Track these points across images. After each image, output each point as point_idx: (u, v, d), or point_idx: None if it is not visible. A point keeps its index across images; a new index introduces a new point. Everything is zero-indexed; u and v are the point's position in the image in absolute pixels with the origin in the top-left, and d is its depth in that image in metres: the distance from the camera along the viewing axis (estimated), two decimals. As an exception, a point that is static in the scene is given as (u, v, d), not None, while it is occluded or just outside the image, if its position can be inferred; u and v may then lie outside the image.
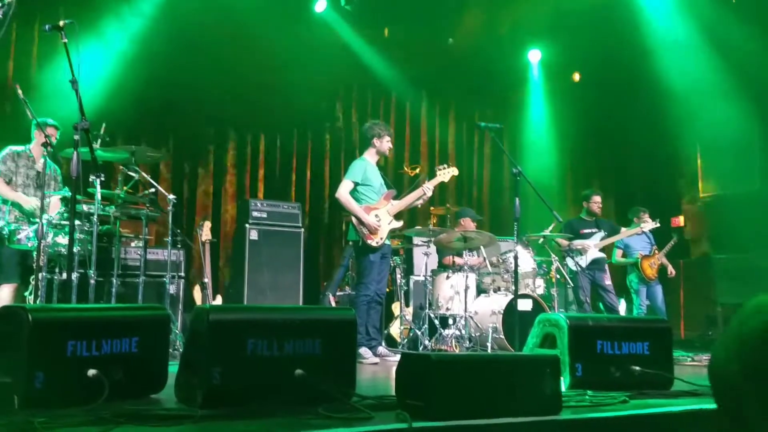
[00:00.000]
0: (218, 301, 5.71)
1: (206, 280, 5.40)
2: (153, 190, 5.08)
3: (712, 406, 2.74)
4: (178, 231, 5.70)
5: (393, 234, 6.04)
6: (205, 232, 5.56)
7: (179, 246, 5.93)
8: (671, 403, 2.79)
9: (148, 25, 6.72)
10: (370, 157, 5.43)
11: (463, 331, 5.54)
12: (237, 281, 6.58)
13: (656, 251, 7.02)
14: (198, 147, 7.59)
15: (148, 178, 5.15)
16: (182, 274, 6.00)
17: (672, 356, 3.35)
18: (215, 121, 7.50)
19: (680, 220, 8.69)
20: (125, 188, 4.93)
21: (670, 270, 7.06)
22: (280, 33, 7.01)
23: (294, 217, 6.89)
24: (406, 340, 5.97)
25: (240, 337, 2.27)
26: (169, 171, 7.39)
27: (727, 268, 6.81)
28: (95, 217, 4.53)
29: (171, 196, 5.11)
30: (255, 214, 6.65)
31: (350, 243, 5.54)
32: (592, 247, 6.53)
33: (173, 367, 2.53)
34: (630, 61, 7.92)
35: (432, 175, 5.73)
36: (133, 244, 5.82)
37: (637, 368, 3.08)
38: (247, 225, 6.58)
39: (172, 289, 5.57)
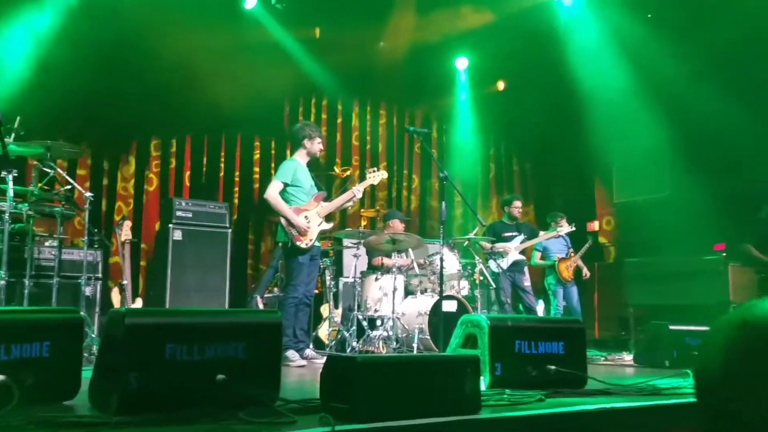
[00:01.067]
0: (138, 303, 5.51)
1: (125, 281, 5.21)
2: (69, 187, 4.87)
3: (624, 404, 2.88)
4: (96, 230, 5.48)
5: (323, 236, 6.04)
6: (125, 232, 5.36)
7: (96, 246, 5.70)
8: (584, 402, 2.92)
9: (70, 15, 6.44)
10: (300, 158, 5.40)
11: (391, 333, 5.59)
12: (159, 283, 6.38)
13: (572, 254, 7.34)
14: (120, 143, 7.33)
15: (64, 174, 4.94)
16: (99, 275, 5.77)
17: (585, 356, 3.51)
18: (139, 117, 7.24)
19: (595, 225, 9.11)
20: (40, 185, 4.70)
21: (585, 272, 7.40)
22: (207, 28, 6.84)
23: (221, 217, 6.75)
24: (334, 342, 5.97)
25: (158, 341, 2.21)
26: (88, 168, 7.10)
27: (637, 271, 7.16)
28: (7, 214, 4.31)
29: (88, 194, 4.91)
30: (179, 213, 6.47)
31: (279, 244, 5.49)
32: (512, 249, 6.77)
33: (88, 373, 2.44)
34: (551, 70, 8.23)
35: (362, 177, 5.77)
36: (47, 244, 5.55)
37: (553, 367, 3.21)
38: (170, 225, 6.39)
39: (88, 290, 5.34)
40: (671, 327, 5.05)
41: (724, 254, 6.81)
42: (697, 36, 7.34)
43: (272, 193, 5.15)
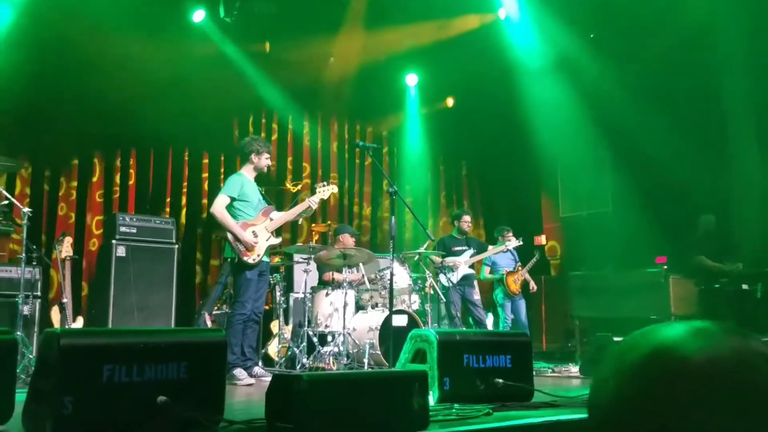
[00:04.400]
0: (79, 322, 5.32)
1: (65, 300, 5.02)
2: (6, 202, 4.68)
3: (569, 416, 2.93)
4: (34, 247, 5.26)
5: (273, 251, 5.96)
6: (65, 248, 5.17)
7: (35, 263, 5.47)
8: (531, 414, 2.97)
9: (10, 26, 6.22)
10: (247, 172, 5.33)
11: (342, 348, 5.55)
12: (101, 301, 6.16)
13: (520, 268, 7.47)
14: (61, 158, 7.09)
15: (1, 189, 4.74)
16: (38, 293, 5.54)
17: (532, 368, 3.57)
18: (82, 130, 7.02)
19: (542, 239, 9.31)
20: (-27, 200, 4.50)
21: (532, 285, 7.53)
22: (154, 41, 6.72)
23: (167, 233, 6.59)
24: (283, 359, 5.89)
25: (94, 363, 2.13)
26: (27, 183, 6.84)
27: (581, 284, 7.34)
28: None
29: (26, 209, 4.73)
30: (123, 229, 6.29)
31: (227, 260, 5.40)
32: (462, 263, 6.84)
33: (22, 396, 2.33)
34: (498, 87, 8.42)
35: (313, 192, 5.74)
36: (-19, 261, 5.30)
37: (500, 381, 3.24)
38: (113, 241, 6.20)
39: (26, 309, 5.11)
40: (615, 338, 5.18)
41: (665, 267, 7.05)
42: (634, 56, 7.66)
43: (218, 207, 5.06)
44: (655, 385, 0.61)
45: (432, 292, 6.40)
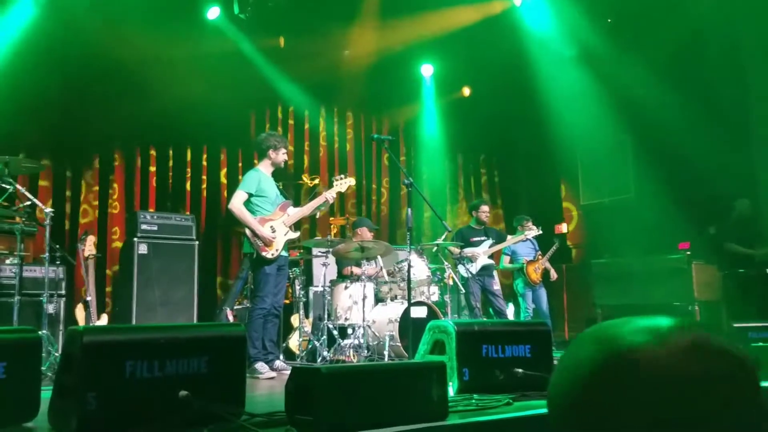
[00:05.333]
0: (103, 320, 5.40)
1: (89, 298, 5.10)
2: (29, 203, 4.76)
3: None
4: (57, 246, 5.36)
5: (292, 245, 6.00)
6: (88, 247, 5.25)
7: (58, 262, 5.57)
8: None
9: (30, 27, 6.32)
10: (264, 168, 5.36)
11: (361, 341, 5.57)
12: (124, 299, 6.26)
13: (540, 257, 7.40)
14: (82, 157, 7.19)
15: (23, 190, 4.82)
16: (62, 292, 5.64)
17: (552, 358, 3.55)
18: (101, 129, 7.13)
19: (563, 227, 9.22)
20: (-2, 201, 4.59)
21: (553, 274, 7.47)
22: (170, 39, 6.78)
23: (187, 230, 6.66)
24: (304, 352, 5.93)
25: (117, 359, 2.17)
26: (50, 183, 6.95)
27: (603, 272, 7.27)
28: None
29: (48, 210, 4.80)
30: (144, 227, 6.36)
31: (246, 255, 5.44)
32: (481, 254, 6.81)
33: (48, 393, 2.38)
34: (516, 75, 8.34)
35: (330, 185, 5.75)
36: (7, 261, 5.41)
37: (520, 371, 3.23)
38: (135, 238, 6.28)
39: (51, 308, 5.21)
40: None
41: (688, 252, 6.96)
42: (654, 40, 7.53)
43: (236, 203, 5.10)
44: (609, 385, 0.61)
45: (451, 283, 6.39)
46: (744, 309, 5.90)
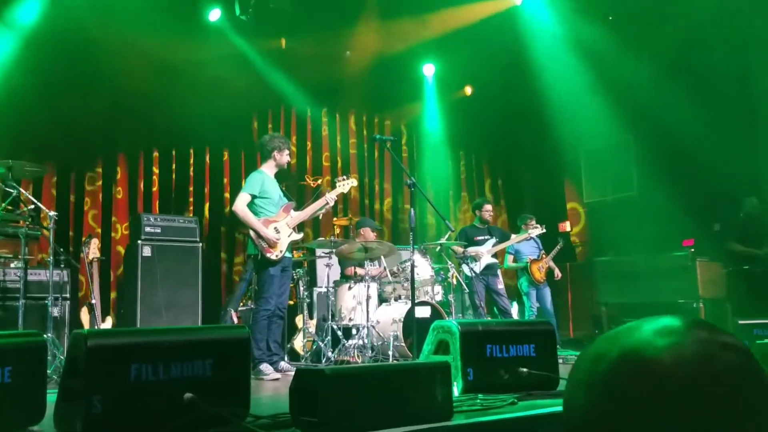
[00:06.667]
0: (108, 323, 5.42)
1: (94, 301, 5.12)
2: (33, 206, 4.78)
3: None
4: (61, 249, 5.37)
5: (295, 246, 6.00)
6: (92, 250, 5.27)
7: (63, 266, 5.59)
8: (557, 403, 2.94)
9: (31, 31, 6.34)
10: (268, 169, 5.37)
11: (366, 341, 5.58)
12: (129, 301, 6.27)
13: (544, 255, 7.39)
14: (85, 161, 7.21)
15: (27, 194, 4.85)
16: (67, 295, 5.65)
17: (557, 357, 3.54)
18: (104, 132, 7.16)
19: (566, 225, 9.21)
20: (2, 205, 4.61)
21: (557, 273, 7.45)
22: (172, 42, 6.80)
23: (191, 232, 6.67)
24: (309, 353, 5.93)
25: (122, 362, 2.17)
26: (53, 186, 6.98)
27: (607, 270, 7.25)
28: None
29: (52, 213, 4.82)
30: (148, 229, 6.38)
31: (251, 257, 5.45)
32: (485, 253, 6.80)
33: (54, 396, 2.38)
34: (518, 74, 8.33)
35: (333, 186, 5.76)
36: (12, 265, 5.43)
37: (525, 370, 3.22)
38: (139, 241, 6.30)
39: (56, 311, 5.23)
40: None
41: (692, 250, 6.94)
42: (657, 37, 7.50)
43: (240, 205, 5.11)
44: (624, 392, 0.62)
45: (455, 282, 6.38)
46: (749, 306, 5.88)
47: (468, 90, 9.47)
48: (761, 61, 7.26)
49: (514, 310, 7.31)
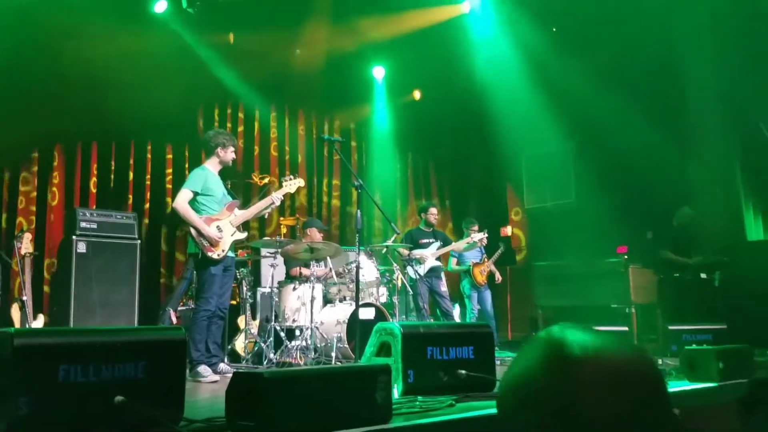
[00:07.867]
0: (40, 320, 5.21)
1: (25, 297, 4.92)
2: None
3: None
4: (-9, 245, 5.14)
5: (240, 245, 5.90)
6: (25, 245, 5.07)
7: (-8, 261, 5.34)
8: (493, 405, 3.00)
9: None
10: (211, 166, 5.26)
11: (309, 342, 5.54)
12: (62, 299, 6.03)
13: (486, 259, 7.56)
14: (20, 153, 6.90)
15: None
16: (-3, 291, 5.40)
17: (494, 359, 3.62)
18: (41, 123, 6.84)
19: (508, 230, 9.42)
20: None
21: (498, 276, 7.63)
22: (115, 32, 6.58)
23: (129, 228, 6.47)
24: (250, 354, 5.86)
25: (50, 362, 2.09)
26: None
27: (545, 274, 7.46)
28: None
29: (-19, 206, 4.60)
30: (83, 224, 6.15)
31: (192, 256, 5.33)
32: (429, 256, 6.89)
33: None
34: (465, 80, 8.47)
35: (279, 185, 5.70)
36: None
37: (463, 372, 3.28)
38: (74, 236, 6.07)
39: (-17, 308, 4.99)
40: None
41: (626, 257, 7.19)
42: (596, 47, 7.76)
43: (181, 202, 4.99)
44: (558, 372, 0.72)
45: (400, 284, 6.42)
46: (678, 312, 6.13)
47: (417, 94, 9.57)
48: (694, 71, 7.58)
49: (456, 312, 7.43)
